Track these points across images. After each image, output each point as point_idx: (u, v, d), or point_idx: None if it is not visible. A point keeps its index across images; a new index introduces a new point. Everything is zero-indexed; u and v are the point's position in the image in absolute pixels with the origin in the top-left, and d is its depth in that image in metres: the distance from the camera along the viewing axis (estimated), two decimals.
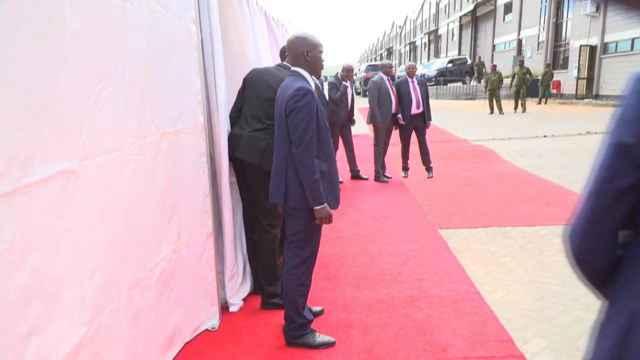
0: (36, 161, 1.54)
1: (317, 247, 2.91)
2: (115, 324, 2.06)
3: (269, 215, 3.42)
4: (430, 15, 57.08)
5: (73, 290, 1.75)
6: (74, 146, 1.76)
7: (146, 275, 2.35)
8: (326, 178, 2.75)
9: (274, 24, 5.65)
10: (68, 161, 1.72)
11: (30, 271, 1.52)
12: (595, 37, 21.47)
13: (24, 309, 1.50)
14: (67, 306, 1.72)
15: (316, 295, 3.60)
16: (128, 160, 2.17)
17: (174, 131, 2.67)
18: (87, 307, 1.84)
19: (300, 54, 2.78)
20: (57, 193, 1.66)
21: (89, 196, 1.85)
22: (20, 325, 1.48)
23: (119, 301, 2.09)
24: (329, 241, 4.82)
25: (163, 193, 2.55)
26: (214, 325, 3.18)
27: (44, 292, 1.59)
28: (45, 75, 1.58)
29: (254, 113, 3.39)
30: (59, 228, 1.67)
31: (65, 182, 1.70)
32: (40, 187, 1.57)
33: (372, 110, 7.22)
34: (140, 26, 2.29)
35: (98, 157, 1.92)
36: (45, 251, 1.60)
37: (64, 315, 1.70)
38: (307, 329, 2.96)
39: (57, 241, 1.66)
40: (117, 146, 2.09)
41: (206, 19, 3.05)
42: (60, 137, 1.67)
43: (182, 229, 2.78)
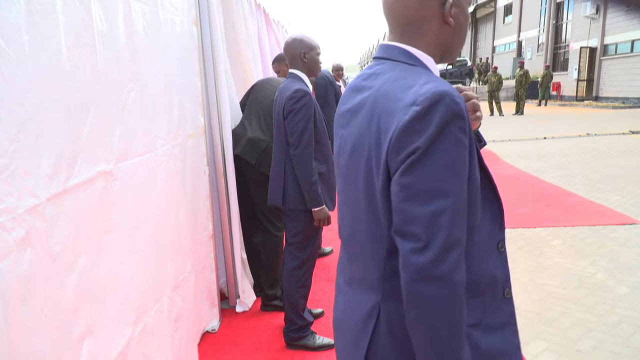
0: (79, 162, 1.54)
1: (316, 248, 2.91)
2: (161, 326, 2.06)
3: (274, 218, 3.41)
4: None
5: (117, 291, 1.76)
6: (109, 147, 1.75)
7: (185, 278, 2.36)
8: (324, 179, 2.75)
9: (274, 25, 5.66)
10: (105, 162, 1.71)
11: (81, 273, 1.52)
12: (595, 38, 21.50)
13: (77, 311, 1.50)
14: (113, 307, 1.72)
15: (316, 296, 3.60)
16: (160, 162, 2.18)
17: (194, 133, 2.70)
18: (132, 308, 1.84)
19: (298, 56, 2.78)
20: (98, 194, 1.65)
21: (126, 198, 1.85)
22: (75, 327, 1.49)
23: (162, 302, 2.09)
24: (329, 242, 4.82)
25: (191, 194, 2.55)
26: (214, 327, 3.17)
27: (92, 293, 1.60)
28: (79, 76, 1.57)
29: (259, 112, 3.40)
30: (101, 229, 1.67)
31: (104, 183, 1.69)
32: (84, 188, 1.57)
33: None
34: (159, 27, 2.29)
35: (132, 159, 1.92)
36: (91, 252, 1.60)
37: (111, 316, 1.70)
38: (307, 330, 2.95)
39: (100, 242, 1.66)
40: (149, 148, 2.10)
41: (206, 19, 3.05)
42: (98, 138, 1.67)
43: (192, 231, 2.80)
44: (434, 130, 0.95)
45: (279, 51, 5.56)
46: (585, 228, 5.06)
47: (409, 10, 1.11)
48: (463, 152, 0.99)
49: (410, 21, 1.12)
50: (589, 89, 22.20)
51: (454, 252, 0.97)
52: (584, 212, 5.62)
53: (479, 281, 1.11)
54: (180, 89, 2.55)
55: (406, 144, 0.98)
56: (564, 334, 3.04)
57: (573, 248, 4.51)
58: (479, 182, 1.08)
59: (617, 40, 20.44)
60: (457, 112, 0.97)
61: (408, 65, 1.11)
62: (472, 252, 1.08)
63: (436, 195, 0.96)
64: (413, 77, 1.05)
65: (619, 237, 4.76)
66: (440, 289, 0.96)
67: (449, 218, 0.96)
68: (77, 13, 1.55)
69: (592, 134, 11.74)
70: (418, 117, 0.97)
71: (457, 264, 0.97)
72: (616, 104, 19.64)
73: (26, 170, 1.26)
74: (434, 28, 1.11)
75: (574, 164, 8.38)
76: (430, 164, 0.96)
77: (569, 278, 3.86)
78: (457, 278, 0.97)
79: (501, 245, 1.16)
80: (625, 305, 3.38)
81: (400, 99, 1.02)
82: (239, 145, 3.32)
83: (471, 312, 1.08)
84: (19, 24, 1.24)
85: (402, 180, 0.99)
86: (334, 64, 7.26)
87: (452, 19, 1.10)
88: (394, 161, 1.01)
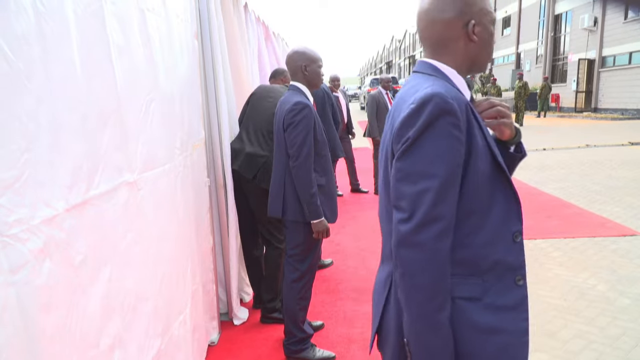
0: (99, 173, 1.54)
1: (316, 260, 2.91)
2: (186, 337, 2.05)
3: (275, 231, 3.40)
4: None
5: (147, 302, 1.76)
6: (132, 157, 1.76)
7: (196, 289, 2.35)
8: (324, 192, 2.75)
9: (274, 38, 5.70)
10: (129, 172, 1.72)
11: (107, 283, 1.52)
12: (594, 50, 21.63)
13: (106, 322, 1.50)
14: (142, 318, 1.72)
15: (316, 309, 3.59)
16: (178, 173, 2.19)
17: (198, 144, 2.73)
18: (160, 319, 1.85)
19: (299, 69, 2.79)
20: (123, 205, 1.66)
21: (150, 208, 1.86)
22: (104, 338, 1.49)
23: (185, 314, 2.08)
24: (329, 254, 4.81)
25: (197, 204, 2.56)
26: (214, 339, 3.16)
27: (121, 304, 1.60)
28: (97, 87, 1.58)
29: (257, 126, 3.40)
30: (127, 240, 1.67)
31: (128, 193, 1.70)
32: (107, 199, 1.57)
33: (371, 124, 7.26)
34: (170, 36, 2.31)
35: (155, 169, 1.94)
36: (118, 263, 1.60)
37: (141, 327, 1.71)
38: (307, 343, 2.94)
39: (127, 253, 1.67)
40: (169, 157, 2.11)
41: (207, 33, 3.07)
42: (119, 149, 1.68)
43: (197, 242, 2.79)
44: (423, 123, 1.15)
45: (277, 64, 5.60)
46: (585, 239, 5.05)
47: (436, 34, 1.31)
48: (453, 143, 1.16)
49: (438, 42, 1.32)
50: (587, 101, 22.28)
51: (434, 224, 1.16)
52: (584, 223, 5.61)
53: (479, 262, 1.25)
54: (189, 100, 2.57)
55: (402, 135, 1.19)
56: (565, 347, 3.02)
57: (573, 260, 4.50)
58: (483, 173, 1.23)
59: (615, 52, 20.55)
60: (447, 109, 1.15)
61: (427, 76, 1.30)
62: (472, 233, 1.24)
63: (423, 176, 1.16)
64: (423, 83, 1.24)
65: (619, 248, 4.75)
66: (418, 253, 1.16)
67: (432, 196, 1.15)
68: (89, 26, 1.57)
69: (592, 146, 11.77)
70: (412, 113, 1.18)
71: (437, 235, 1.16)
72: (615, 116, 19.70)
73: (40, 182, 1.27)
74: (460, 46, 1.30)
75: (574, 175, 8.39)
76: (419, 151, 1.17)
77: (569, 290, 3.85)
78: (435, 246, 1.16)
79: (517, 235, 1.30)
80: (626, 317, 3.37)
81: (406, 100, 1.23)
82: (238, 159, 3.32)
83: (467, 287, 1.24)
84: (27, 37, 1.25)
85: (397, 164, 1.21)
86: (331, 75, 7.27)
87: (475, 37, 1.28)
88: (395, 149, 1.23)
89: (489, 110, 1.35)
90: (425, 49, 1.37)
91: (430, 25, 1.31)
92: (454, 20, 1.27)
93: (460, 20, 1.27)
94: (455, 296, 1.22)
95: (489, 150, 1.25)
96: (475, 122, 1.24)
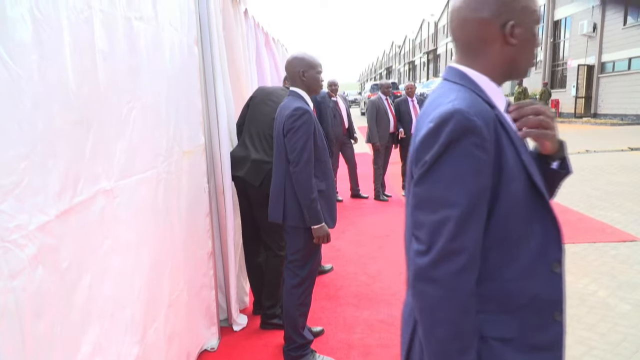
0: (82, 180, 1.55)
1: (316, 266, 2.90)
2: (158, 344, 2.05)
3: (277, 238, 3.40)
4: (429, 35, 57.72)
5: (125, 309, 1.76)
6: (110, 165, 1.77)
7: (178, 296, 2.35)
8: (324, 197, 2.75)
9: (273, 44, 5.72)
10: (106, 180, 1.72)
11: (88, 290, 1.53)
12: (593, 56, 21.69)
13: (86, 328, 1.51)
14: (121, 325, 1.72)
15: (316, 315, 3.58)
16: (160, 180, 2.19)
17: (189, 150, 2.72)
18: (137, 326, 1.84)
19: (297, 74, 2.80)
20: (100, 212, 1.67)
21: (127, 215, 1.86)
22: (84, 345, 1.49)
23: (159, 321, 2.08)
24: (329, 260, 4.80)
25: (187, 211, 2.55)
26: (213, 345, 3.15)
27: (100, 311, 1.60)
28: (84, 93, 1.59)
29: (259, 130, 3.39)
30: (105, 247, 1.68)
31: (105, 201, 1.70)
32: (87, 205, 1.58)
33: (370, 129, 7.27)
34: (159, 46, 2.32)
35: (133, 177, 1.93)
36: (96, 270, 1.60)
37: (120, 334, 1.71)
38: (307, 349, 2.93)
39: (105, 260, 1.67)
40: (151, 165, 2.11)
41: (207, 39, 3.08)
42: (99, 156, 1.68)
43: (191, 249, 2.79)
44: (441, 144, 1.04)
45: (276, 70, 5.62)
46: (585, 245, 5.05)
47: (468, 35, 1.16)
48: (477, 165, 1.03)
49: (470, 44, 1.17)
50: (587, 106, 22.33)
51: (455, 258, 1.04)
52: (584, 229, 5.61)
53: (512, 297, 1.11)
54: (177, 106, 2.56)
55: (420, 157, 1.08)
56: (566, 352, 2.99)
57: (574, 265, 4.49)
58: (516, 196, 1.09)
59: (614, 58, 20.62)
60: (469, 128, 1.03)
61: (454, 85, 1.16)
62: (503, 265, 1.11)
63: (442, 204, 1.05)
64: (447, 95, 1.12)
65: (619, 254, 4.75)
66: (436, 290, 1.05)
67: (452, 226, 1.03)
68: (81, 32, 1.58)
69: (591, 151, 11.77)
70: (430, 133, 1.06)
71: (458, 270, 1.04)
72: (614, 121, 19.73)
73: (36, 188, 1.28)
74: (496, 49, 1.15)
75: (573, 180, 8.39)
76: (437, 175, 1.05)
77: (570, 296, 3.84)
78: (455, 282, 1.04)
79: (556, 265, 1.15)
80: (627, 323, 3.36)
81: (428, 115, 1.11)
82: (244, 167, 3.31)
83: (499, 326, 1.11)
84: (26, 44, 1.26)
85: (414, 190, 1.11)
86: (328, 80, 7.26)
87: (514, 40, 1.13)
88: (414, 171, 1.12)
89: (531, 119, 1.17)
90: (457, 52, 1.22)
91: (462, 25, 1.16)
92: (489, 21, 1.12)
93: (497, 20, 1.12)
94: (485, 335, 1.10)
95: (524, 170, 1.11)
96: (506, 138, 1.09)
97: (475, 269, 1.07)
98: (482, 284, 1.09)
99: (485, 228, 1.08)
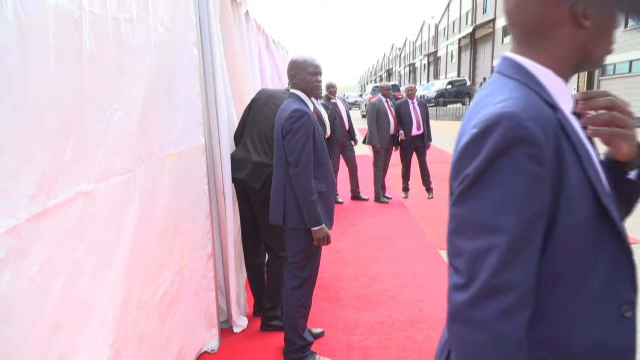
0: (59, 183, 1.55)
1: (316, 268, 2.90)
2: (127, 346, 2.05)
3: (278, 239, 3.39)
4: (429, 37, 57.83)
5: (97, 312, 1.75)
6: (90, 167, 1.77)
7: (149, 298, 2.34)
8: (323, 198, 2.75)
9: (273, 46, 5.73)
10: (85, 182, 1.72)
11: (60, 293, 1.52)
12: None
13: (56, 332, 1.50)
14: (93, 328, 1.71)
15: (316, 316, 3.58)
16: (137, 183, 2.18)
17: (176, 152, 2.68)
18: (110, 329, 1.83)
19: (290, 78, 2.84)
20: (77, 214, 1.66)
21: (104, 218, 1.86)
22: (53, 349, 1.48)
23: (128, 323, 2.08)
24: (329, 262, 4.80)
25: (167, 214, 2.54)
26: (214, 347, 3.14)
27: (72, 314, 1.59)
28: (67, 96, 1.59)
29: (261, 132, 3.39)
30: (80, 250, 1.67)
31: (83, 203, 1.70)
32: (63, 208, 1.57)
33: (371, 131, 7.27)
34: (148, 48, 2.32)
35: (112, 179, 1.93)
36: (70, 273, 1.60)
37: (91, 337, 1.70)
38: (307, 351, 2.93)
39: (80, 263, 1.67)
40: (129, 167, 2.10)
41: (207, 41, 3.09)
42: (80, 159, 1.68)
43: (184, 250, 2.77)
44: (487, 155, 0.85)
45: (277, 72, 5.63)
46: None
47: (528, 17, 0.95)
48: (531, 183, 0.84)
49: (530, 29, 0.95)
50: None
51: (500, 296, 0.85)
52: None
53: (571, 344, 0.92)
54: (167, 107, 2.56)
55: (461, 170, 0.90)
56: None
57: None
58: (580, 221, 0.89)
59: (615, 61, 20.63)
60: (521, 136, 0.83)
61: (509, 80, 0.96)
62: (562, 304, 0.91)
63: (485, 230, 0.86)
64: (498, 93, 0.93)
65: None
66: (477, 334, 0.86)
67: (497, 258, 0.84)
68: (68, 34, 1.58)
69: None
70: (473, 140, 0.88)
71: (503, 312, 0.84)
72: None
73: (7, 191, 1.28)
74: (563, 34, 0.92)
75: None
76: (481, 194, 0.86)
77: None
78: (500, 327, 0.85)
79: (627, 309, 0.94)
80: None
81: (472, 119, 0.92)
82: (244, 169, 3.31)
83: None
84: (8, 45, 1.26)
85: (452, 210, 0.92)
86: (327, 82, 7.25)
87: (587, 22, 0.90)
88: (453, 186, 0.94)
89: (602, 115, 0.96)
90: (513, 40, 1.00)
91: (520, 5, 0.94)
92: None
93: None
94: None
95: (590, 187, 0.90)
96: (569, 148, 0.89)
97: (526, 311, 0.87)
98: (533, 327, 0.90)
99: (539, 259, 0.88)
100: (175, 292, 2.65)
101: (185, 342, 2.80)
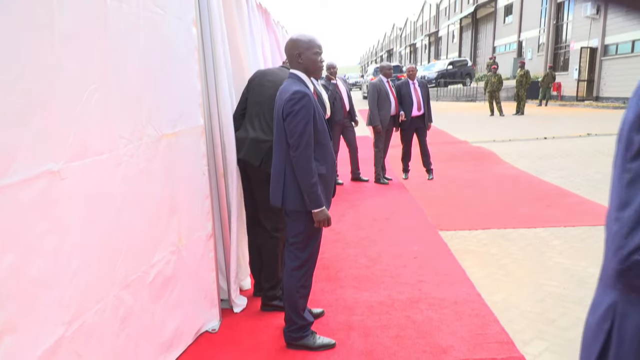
0: (17, 162, 1.56)
1: (317, 249, 2.91)
2: (102, 325, 2.06)
3: (273, 219, 3.40)
4: (430, 17, 57.20)
5: (51, 291, 1.76)
6: (60, 147, 1.77)
7: (139, 277, 2.35)
8: (323, 180, 2.74)
9: (274, 25, 5.66)
10: (53, 162, 1.73)
11: (5, 270, 1.53)
12: (596, 39, 21.50)
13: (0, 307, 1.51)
14: (43, 306, 1.72)
15: (316, 296, 3.60)
16: (121, 162, 2.17)
17: (173, 133, 2.66)
18: (67, 308, 1.84)
19: (294, 57, 2.76)
20: (40, 193, 1.67)
21: (75, 197, 1.86)
22: None
23: (106, 302, 2.09)
24: (330, 243, 4.82)
25: (161, 195, 2.54)
26: (214, 327, 3.17)
27: (20, 291, 1.60)
28: (30, 76, 1.59)
29: (259, 112, 3.38)
30: (39, 228, 1.68)
31: (48, 182, 1.71)
32: (21, 187, 1.58)
33: (372, 112, 7.23)
34: (137, 27, 2.28)
35: (87, 159, 1.93)
36: (23, 251, 1.61)
37: (40, 315, 1.71)
38: (307, 330, 2.95)
39: (37, 241, 1.67)
40: (109, 148, 2.09)
41: (207, 20, 3.05)
42: (46, 139, 1.68)
43: (182, 231, 2.77)
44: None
45: (278, 52, 5.57)
46: (586, 228, 5.05)
47: None
48: None
49: None
50: (589, 89, 22.19)
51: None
52: (585, 212, 5.62)
53: None
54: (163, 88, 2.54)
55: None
56: (565, 334, 3.03)
57: (574, 248, 4.51)
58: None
59: (617, 41, 20.44)
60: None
61: None
62: None
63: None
64: None
65: None
66: None
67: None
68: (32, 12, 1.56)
69: (593, 134, 11.74)
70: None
71: None
72: (617, 104, 19.63)
73: None
74: None
75: (575, 164, 8.38)
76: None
77: (569, 278, 3.86)
78: None
79: None
80: None
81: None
82: (243, 147, 3.32)
83: None
84: None
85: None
86: (327, 62, 7.18)
87: None
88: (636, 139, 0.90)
89: None
90: None
91: None
92: None
93: None
94: None
95: None
96: None
97: None
98: None
99: None
100: (171, 272, 2.66)
101: (183, 322, 2.82)
